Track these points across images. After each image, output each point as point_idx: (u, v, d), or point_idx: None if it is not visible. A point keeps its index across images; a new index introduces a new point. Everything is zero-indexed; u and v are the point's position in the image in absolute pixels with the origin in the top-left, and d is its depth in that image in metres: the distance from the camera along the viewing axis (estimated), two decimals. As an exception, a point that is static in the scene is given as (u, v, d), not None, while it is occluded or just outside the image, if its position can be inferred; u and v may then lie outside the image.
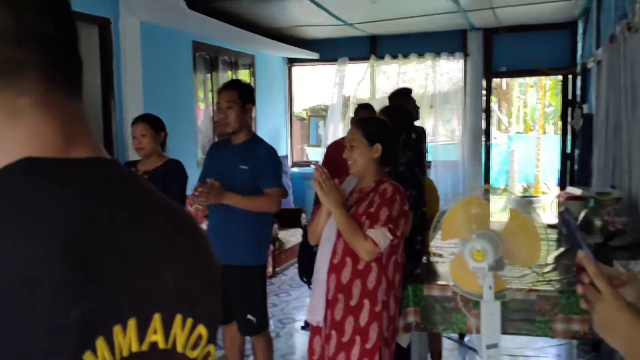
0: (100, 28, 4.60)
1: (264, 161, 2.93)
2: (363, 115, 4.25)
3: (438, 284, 2.62)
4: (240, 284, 2.95)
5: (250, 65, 7.00)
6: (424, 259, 2.91)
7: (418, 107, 4.65)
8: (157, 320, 0.61)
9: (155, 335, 0.61)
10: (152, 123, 3.30)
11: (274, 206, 2.92)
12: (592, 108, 5.11)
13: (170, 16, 4.91)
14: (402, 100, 4.47)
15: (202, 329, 0.66)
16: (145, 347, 0.59)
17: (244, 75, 6.92)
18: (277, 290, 5.42)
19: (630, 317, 0.94)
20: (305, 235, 4.39)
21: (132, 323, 0.58)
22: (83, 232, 0.57)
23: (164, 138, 3.37)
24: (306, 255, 4.03)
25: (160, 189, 2.51)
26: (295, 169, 7.79)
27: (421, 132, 3.45)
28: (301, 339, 4.32)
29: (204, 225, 5.40)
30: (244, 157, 2.93)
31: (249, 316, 2.99)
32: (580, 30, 6.21)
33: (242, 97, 2.97)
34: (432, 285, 2.63)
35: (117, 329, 0.56)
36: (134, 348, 0.58)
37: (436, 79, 7.31)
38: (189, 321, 0.64)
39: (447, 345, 4.00)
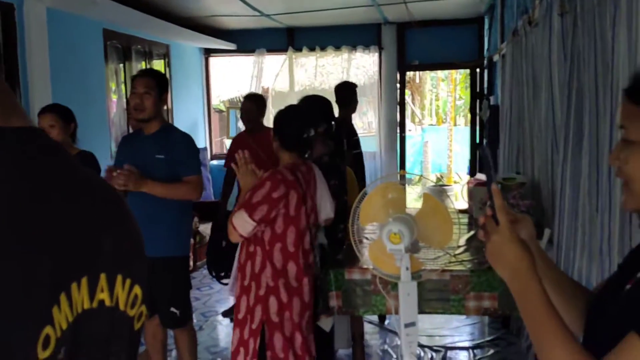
0: (2, 14, 4.33)
1: (181, 149, 2.89)
2: (246, 106, 4.29)
3: (358, 268, 2.69)
4: (163, 276, 2.90)
5: (165, 55, 6.82)
6: (346, 245, 2.98)
7: (357, 102, 4.79)
8: (103, 279, 0.64)
9: (103, 294, 0.64)
10: (61, 113, 3.17)
11: (194, 193, 2.88)
12: (498, 99, 5.41)
13: (78, 2, 4.70)
14: (346, 92, 4.58)
15: (137, 289, 0.70)
16: (95, 304, 0.63)
17: (158, 65, 6.74)
18: (198, 284, 5.35)
19: (518, 250, 1.04)
20: (214, 230, 4.36)
21: (84, 281, 0.61)
22: (32, 195, 0.59)
23: (74, 129, 3.24)
24: (215, 249, 4.03)
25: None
26: (214, 162, 7.69)
27: (342, 123, 3.52)
28: (224, 331, 4.30)
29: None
30: (159, 147, 2.87)
31: (173, 309, 2.94)
32: (486, 26, 6.53)
33: (159, 85, 2.91)
34: (352, 269, 2.71)
35: (74, 286, 0.59)
36: (86, 305, 0.61)
37: (352, 72, 7.44)
38: (128, 281, 0.68)
39: (369, 329, 4.12)
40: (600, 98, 2.02)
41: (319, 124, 2.62)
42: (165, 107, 3.06)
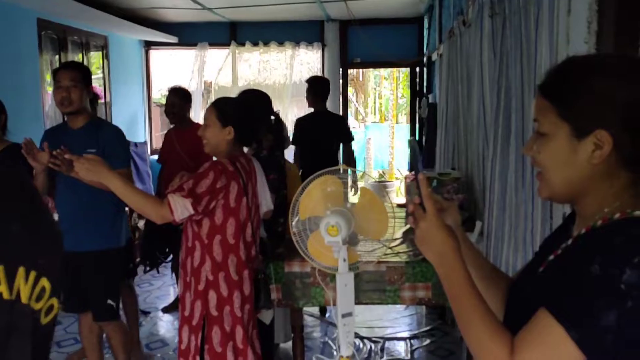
0: None
1: (112, 142, 2.86)
2: (170, 100, 4.27)
3: (298, 260, 2.73)
4: (98, 269, 2.87)
5: (103, 47, 6.64)
6: (286, 238, 3.01)
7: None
8: (0, 271, 0.65)
9: (0, 286, 0.65)
10: (-11, 104, 3.05)
11: None
12: (436, 97, 5.57)
13: (10, -10, 4.52)
14: (319, 86, 4.62)
15: (45, 282, 0.70)
16: None
17: (96, 57, 6.56)
18: (138, 281, 5.25)
19: (444, 235, 1.10)
20: (148, 223, 4.30)
21: None
22: None
23: (4, 121, 3.14)
24: (150, 239, 3.97)
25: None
26: (154, 156, 7.55)
27: (280, 118, 3.55)
28: (165, 327, 4.25)
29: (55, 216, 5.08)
30: (90, 141, 2.82)
31: (109, 301, 2.91)
32: (426, 25, 6.70)
33: (85, 78, 2.88)
34: (292, 262, 2.74)
35: None
36: None
37: (296, 68, 7.46)
38: (32, 274, 0.68)
39: (310, 322, 4.17)
40: (525, 96, 2.13)
41: (268, 122, 2.62)
42: (90, 100, 2.99)
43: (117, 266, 2.96)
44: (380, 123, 15.48)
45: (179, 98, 4.21)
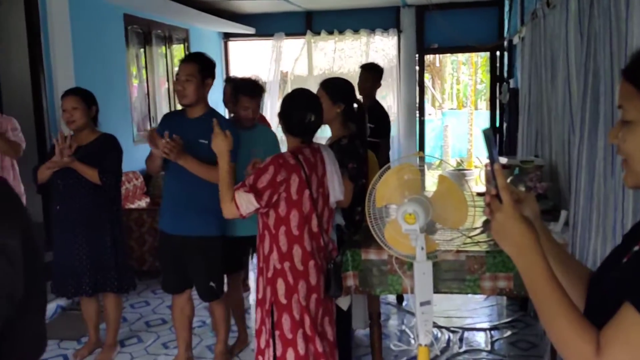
0: (26, 1, 4.41)
1: None
2: (227, 91, 4.31)
3: (375, 248, 2.73)
4: (202, 254, 3.01)
5: (185, 40, 6.88)
6: (363, 226, 3.02)
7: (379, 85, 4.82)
8: None
9: None
10: (83, 96, 3.24)
11: None
12: (518, 82, 5.37)
13: (100, -12, 4.76)
14: (371, 73, 4.60)
15: None
16: None
17: (178, 49, 6.80)
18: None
19: (522, 226, 1.07)
20: None
21: None
22: None
23: (96, 113, 3.31)
24: None
25: (95, 163, 2.56)
26: (233, 146, 7.75)
27: (364, 106, 3.51)
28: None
29: (142, 202, 5.34)
30: (203, 131, 2.88)
31: (211, 283, 3.06)
32: (506, 8, 6.46)
33: (202, 71, 2.95)
34: (369, 249, 2.75)
35: None
36: None
37: (372, 55, 7.42)
38: None
39: (387, 310, 4.17)
40: (615, 79, 2.02)
41: (319, 110, 2.61)
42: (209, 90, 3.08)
43: (217, 251, 3.08)
44: (458, 110, 15.13)
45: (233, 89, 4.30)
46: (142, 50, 6.05)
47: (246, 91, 3.31)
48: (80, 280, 3.24)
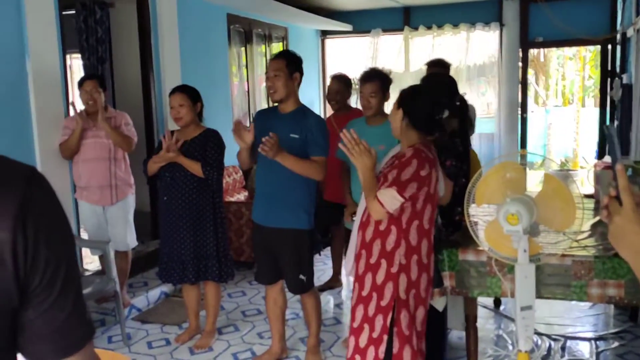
0: (138, 3, 4.69)
1: (315, 131, 2.97)
2: (333, 86, 4.27)
3: (473, 248, 2.65)
4: (292, 246, 3.06)
5: (284, 38, 7.02)
6: (462, 226, 2.94)
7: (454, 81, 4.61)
8: None
9: None
10: (190, 93, 3.39)
11: (320, 174, 2.97)
12: (632, 78, 5.00)
13: (205, -11, 4.97)
14: (438, 70, 4.42)
15: None
16: None
17: (277, 48, 6.95)
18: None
19: None
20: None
21: None
22: None
23: (201, 109, 3.46)
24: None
25: (199, 157, 2.66)
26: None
27: (466, 102, 3.39)
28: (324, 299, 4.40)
29: (241, 195, 5.51)
30: (295, 126, 2.96)
31: (301, 276, 3.10)
32: (621, -2, 6.04)
33: (289, 65, 3.00)
34: (467, 250, 2.67)
35: None
36: None
37: (471, 50, 7.21)
38: None
39: (483, 314, 4.03)
40: None
41: (451, 105, 2.55)
42: (299, 85, 3.12)
43: (307, 245, 3.12)
44: (564, 107, 14.35)
45: (342, 84, 4.30)
46: (242, 48, 6.25)
47: (367, 78, 3.29)
48: (184, 268, 3.40)
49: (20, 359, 0.77)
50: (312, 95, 7.76)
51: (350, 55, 8.70)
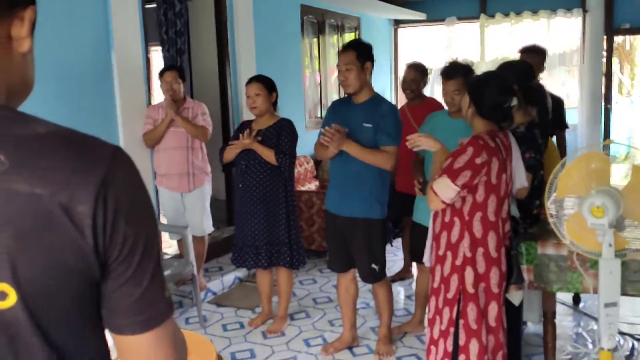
0: (215, -4, 4.80)
1: (387, 119, 2.96)
2: (409, 75, 4.15)
3: (553, 242, 2.56)
4: (365, 235, 3.06)
5: (356, 28, 6.99)
6: (540, 218, 2.84)
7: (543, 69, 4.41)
8: None
9: None
10: (265, 83, 3.45)
11: (389, 163, 2.94)
12: None
13: (280, -20, 5.02)
14: (532, 56, 4.24)
15: (4, 286, 0.66)
16: None
17: (349, 38, 6.94)
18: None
19: None
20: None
21: None
22: None
23: (276, 99, 3.52)
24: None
25: (273, 145, 2.71)
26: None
27: (542, 89, 3.23)
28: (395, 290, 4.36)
29: (312, 184, 5.56)
30: (367, 116, 2.96)
31: (373, 265, 3.10)
32: None
33: (359, 57, 2.98)
34: (546, 243, 2.58)
35: None
36: None
37: (551, 38, 6.91)
38: None
39: (561, 310, 3.89)
40: None
41: (524, 94, 2.47)
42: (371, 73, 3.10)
43: (380, 234, 3.12)
44: (650, 97, 13.51)
45: (418, 73, 4.22)
46: (315, 39, 6.28)
47: (449, 75, 3.06)
48: (258, 253, 3.48)
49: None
50: (384, 85, 7.70)
51: (424, 44, 8.56)
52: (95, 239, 0.69)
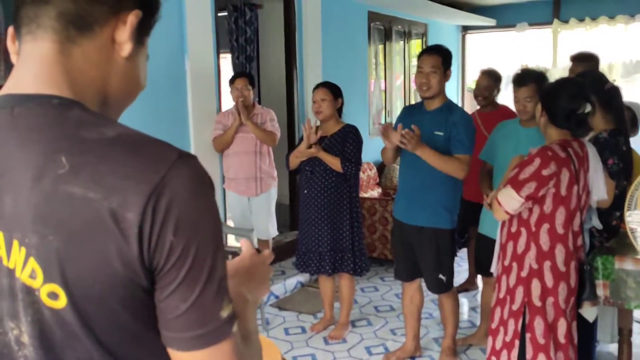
0: (285, 3, 4.88)
1: (459, 127, 2.90)
2: (482, 82, 4.04)
3: (632, 257, 2.44)
4: (432, 245, 3.02)
5: (423, 35, 6.93)
6: (620, 232, 2.72)
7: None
8: (0, 237, 0.68)
9: (1, 250, 0.68)
10: (331, 89, 3.48)
11: (462, 171, 2.88)
12: None
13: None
14: (584, 65, 4.08)
15: (33, 264, 0.67)
16: None
17: (416, 44, 6.89)
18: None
19: None
20: None
21: None
22: None
23: (341, 105, 3.53)
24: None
25: (338, 152, 2.71)
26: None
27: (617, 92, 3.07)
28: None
29: (375, 191, 5.54)
30: (439, 123, 2.91)
31: (441, 276, 3.06)
32: None
33: (444, 62, 2.96)
34: (624, 258, 2.46)
35: None
36: None
37: (628, 44, 6.61)
38: (23, 250, 0.67)
39: (637, 329, 3.70)
40: None
41: (598, 99, 2.38)
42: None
43: (449, 245, 3.06)
44: None
45: (492, 80, 4.12)
46: (381, 46, 6.27)
47: (521, 82, 2.98)
48: (321, 259, 3.49)
49: None
50: (450, 92, 7.55)
51: (492, 50, 8.38)
52: (140, 247, 0.66)
